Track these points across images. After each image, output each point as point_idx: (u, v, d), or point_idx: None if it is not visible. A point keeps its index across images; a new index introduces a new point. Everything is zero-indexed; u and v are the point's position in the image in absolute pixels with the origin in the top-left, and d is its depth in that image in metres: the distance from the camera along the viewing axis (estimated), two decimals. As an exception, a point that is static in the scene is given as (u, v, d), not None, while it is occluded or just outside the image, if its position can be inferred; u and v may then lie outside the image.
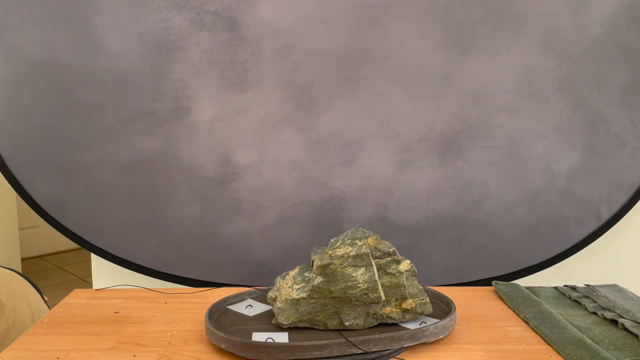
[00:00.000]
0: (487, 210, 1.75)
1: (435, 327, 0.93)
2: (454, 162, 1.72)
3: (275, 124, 1.68)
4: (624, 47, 1.66)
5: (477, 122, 1.70)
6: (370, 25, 1.62)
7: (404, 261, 1.01)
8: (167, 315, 1.08)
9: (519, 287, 1.22)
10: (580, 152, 1.73)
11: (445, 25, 1.62)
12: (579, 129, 1.71)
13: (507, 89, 1.67)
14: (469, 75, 1.66)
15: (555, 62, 1.66)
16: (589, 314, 1.10)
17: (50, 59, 1.64)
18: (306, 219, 1.76)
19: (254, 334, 0.95)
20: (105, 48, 1.58)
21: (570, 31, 1.64)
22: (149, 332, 1.00)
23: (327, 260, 0.97)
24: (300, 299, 0.97)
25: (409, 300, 0.99)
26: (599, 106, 1.70)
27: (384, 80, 1.65)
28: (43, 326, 1.01)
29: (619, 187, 1.75)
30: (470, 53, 1.64)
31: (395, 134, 1.69)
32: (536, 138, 1.71)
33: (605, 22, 1.64)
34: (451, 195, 1.75)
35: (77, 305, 1.13)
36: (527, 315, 1.07)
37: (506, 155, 1.72)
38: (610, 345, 0.94)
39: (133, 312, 1.09)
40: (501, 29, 1.63)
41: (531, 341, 0.97)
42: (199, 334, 0.99)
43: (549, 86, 1.68)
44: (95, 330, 1.00)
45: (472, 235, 1.77)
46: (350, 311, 0.97)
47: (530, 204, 1.76)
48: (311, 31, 1.61)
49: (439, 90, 1.66)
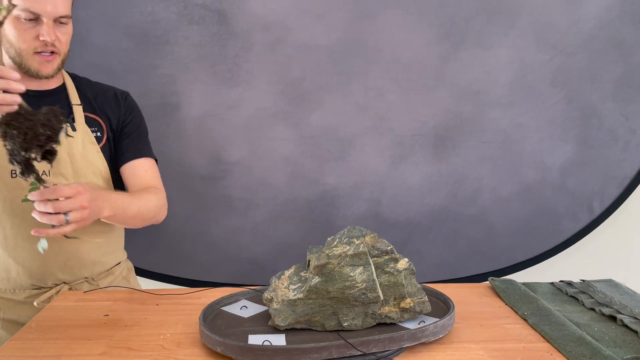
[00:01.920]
0: (481, 205, 1.75)
1: (435, 327, 0.92)
2: (448, 157, 1.71)
3: (267, 119, 1.65)
4: (617, 41, 1.66)
5: (470, 116, 1.68)
6: (362, 19, 1.59)
7: (402, 259, 1.00)
8: (160, 318, 1.05)
9: (515, 283, 1.21)
10: (574, 146, 1.73)
11: (438, 19, 1.61)
12: (572, 123, 1.71)
13: (500, 83, 1.66)
14: (462, 70, 1.64)
15: (548, 56, 1.65)
16: (586, 310, 1.10)
17: (33, 54, 1.60)
18: (298, 215, 1.74)
19: (250, 337, 0.92)
20: (90, 42, 1.54)
21: (564, 25, 1.64)
22: (141, 335, 0.97)
23: (325, 259, 0.95)
24: (297, 300, 0.95)
25: (408, 299, 0.97)
26: (592, 100, 1.70)
27: (376, 74, 1.63)
28: (31, 331, 0.98)
29: (611, 180, 1.76)
30: (464, 47, 1.63)
31: (388, 129, 1.67)
32: (530, 132, 1.71)
33: (599, 16, 1.63)
34: (445, 190, 1.74)
35: (66, 308, 1.09)
36: (526, 312, 1.06)
37: (500, 149, 1.71)
38: (611, 342, 0.94)
39: (124, 314, 1.06)
40: (494, 23, 1.62)
41: (531, 339, 0.96)
42: (193, 337, 0.96)
43: (543, 80, 1.67)
44: (86, 335, 0.96)
45: (466, 230, 1.77)
46: (348, 311, 0.95)
47: (524, 198, 1.75)
48: (303, 25, 1.58)
49: (432, 85, 1.65)
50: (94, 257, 1.27)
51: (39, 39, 1.10)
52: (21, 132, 0.87)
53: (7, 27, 1.10)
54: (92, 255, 1.27)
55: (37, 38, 1.10)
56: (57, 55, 1.15)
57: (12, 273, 1.21)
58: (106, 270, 1.31)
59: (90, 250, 1.26)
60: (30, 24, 1.10)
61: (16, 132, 0.87)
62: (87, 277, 1.27)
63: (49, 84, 1.21)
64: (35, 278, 1.21)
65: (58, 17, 1.12)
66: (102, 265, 1.30)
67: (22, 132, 0.87)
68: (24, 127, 0.88)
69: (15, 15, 1.08)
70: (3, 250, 1.20)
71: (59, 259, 1.22)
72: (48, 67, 1.15)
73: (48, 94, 1.21)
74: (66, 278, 1.24)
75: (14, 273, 1.21)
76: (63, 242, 1.20)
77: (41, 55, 1.13)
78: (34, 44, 1.11)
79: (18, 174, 0.93)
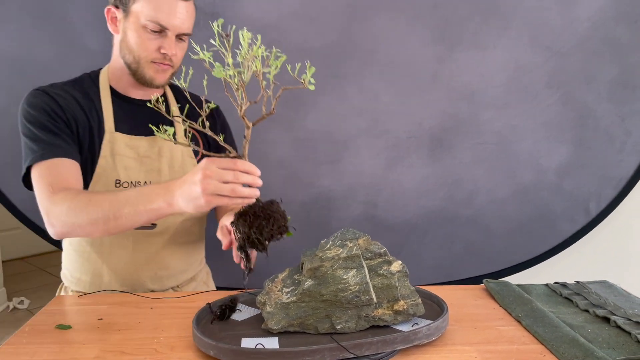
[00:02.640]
0: (477, 207, 1.75)
1: (428, 329, 0.92)
2: (443, 158, 1.71)
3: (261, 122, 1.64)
4: (612, 42, 1.66)
5: (466, 118, 1.68)
6: (357, 21, 1.60)
7: (396, 262, 1.00)
8: (153, 321, 1.05)
9: (510, 285, 1.21)
10: (570, 147, 1.73)
11: (433, 21, 1.61)
12: (568, 124, 1.71)
13: (495, 85, 1.66)
14: (458, 71, 1.64)
15: (543, 57, 1.66)
16: (580, 311, 1.10)
17: (28, 58, 1.59)
18: (294, 218, 1.73)
19: (243, 340, 0.92)
20: (84, 46, 1.54)
21: (559, 26, 1.64)
22: (135, 339, 0.97)
23: (318, 262, 0.95)
24: (290, 303, 0.95)
25: (401, 301, 0.97)
26: (588, 101, 1.70)
27: (371, 76, 1.63)
28: (24, 335, 0.98)
29: (608, 181, 1.76)
30: (459, 48, 1.63)
31: (384, 131, 1.67)
32: (525, 133, 1.71)
33: (593, 17, 1.64)
34: (441, 192, 1.74)
35: (60, 312, 1.09)
36: (519, 314, 1.05)
37: (496, 151, 1.71)
38: (604, 343, 0.94)
39: (118, 318, 1.06)
40: (489, 24, 1.62)
41: (524, 340, 0.96)
42: (186, 340, 0.96)
43: (538, 81, 1.67)
44: (79, 339, 0.96)
45: (462, 232, 1.77)
46: (341, 314, 0.95)
47: (520, 200, 1.75)
48: (297, 27, 1.59)
49: (428, 87, 1.65)
50: (182, 267, 1.30)
51: (160, 51, 1.13)
52: (257, 221, 0.94)
53: (130, 34, 1.13)
54: (180, 265, 1.29)
55: (159, 50, 1.13)
56: (170, 67, 1.18)
57: (104, 279, 1.24)
58: (190, 277, 1.33)
59: (180, 259, 1.29)
60: (155, 35, 1.12)
61: (252, 220, 0.94)
62: (173, 286, 1.29)
63: (153, 93, 1.23)
64: (126, 286, 1.24)
65: (181, 33, 1.14)
66: (187, 273, 1.32)
67: (258, 221, 0.94)
68: (261, 218, 0.94)
69: (143, 24, 1.11)
70: (98, 256, 1.23)
71: (150, 268, 1.24)
72: (162, 77, 1.18)
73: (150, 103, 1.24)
74: (154, 287, 1.26)
75: (106, 279, 1.24)
76: (155, 253, 1.24)
77: (157, 64, 1.15)
78: (154, 54, 1.14)
79: (243, 262, 1.01)
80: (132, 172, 1.19)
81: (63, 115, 1.14)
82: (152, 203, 0.98)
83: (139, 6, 1.11)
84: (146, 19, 1.10)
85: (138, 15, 1.11)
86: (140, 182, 1.19)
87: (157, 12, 1.10)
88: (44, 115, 1.13)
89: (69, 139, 1.14)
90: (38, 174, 1.10)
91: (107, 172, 1.17)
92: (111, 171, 1.17)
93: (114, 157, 1.17)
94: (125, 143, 1.19)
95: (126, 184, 1.18)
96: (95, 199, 1.02)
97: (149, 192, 0.99)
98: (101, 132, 1.18)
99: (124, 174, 1.18)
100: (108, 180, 1.17)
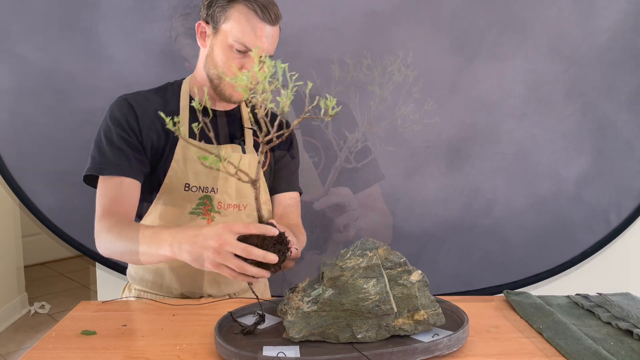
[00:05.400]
0: (496, 216, 1.74)
1: (449, 340, 0.92)
2: (462, 168, 1.71)
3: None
4: (632, 52, 1.65)
5: (484, 128, 1.68)
6: (376, 32, 1.61)
7: (415, 271, 1.00)
8: (176, 328, 1.06)
9: (531, 296, 1.21)
10: (589, 158, 1.72)
11: (451, 32, 1.62)
12: (587, 135, 1.70)
13: (514, 95, 1.66)
14: (476, 81, 1.65)
15: (562, 68, 1.65)
16: (603, 324, 1.09)
17: (55, 68, 1.64)
18: (311, 228, 1.75)
19: (265, 348, 0.93)
20: (109, 56, 1.57)
21: (578, 36, 1.63)
22: (158, 345, 0.98)
23: (338, 272, 0.96)
24: (311, 312, 0.95)
25: (421, 311, 0.97)
26: (608, 111, 1.69)
27: (390, 86, 1.64)
28: (51, 340, 1.00)
29: (628, 192, 1.74)
30: (477, 59, 1.63)
31: (402, 141, 1.68)
32: (544, 144, 1.70)
33: (613, 27, 1.63)
34: (459, 202, 1.74)
35: (84, 318, 1.11)
36: (541, 326, 1.05)
37: (514, 161, 1.71)
38: (626, 356, 0.93)
39: (141, 324, 1.08)
40: (508, 35, 1.62)
41: (546, 353, 0.95)
42: (208, 348, 0.97)
43: (557, 92, 1.67)
44: (104, 345, 0.98)
45: (480, 242, 1.76)
46: (362, 324, 0.95)
47: (539, 210, 1.74)
48: (317, 38, 1.61)
49: (446, 97, 1.65)
50: None
51: (242, 70, 1.17)
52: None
53: (217, 51, 1.18)
54: None
55: (241, 69, 1.17)
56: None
57: (165, 279, 1.27)
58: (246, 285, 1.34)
59: None
60: (239, 55, 1.16)
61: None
62: (230, 293, 1.31)
63: (230, 105, 1.29)
64: (185, 288, 1.27)
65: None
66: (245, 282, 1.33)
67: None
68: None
69: (230, 44, 1.15)
70: None
71: (210, 272, 1.25)
72: (240, 95, 1.21)
73: (226, 114, 1.29)
74: (212, 292, 1.29)
75: (167, 279, 1.27)
76: None
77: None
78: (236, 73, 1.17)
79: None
80: (201, 178, 1.23)
81: (136, 127, 1.20)
82: (160, 249, 1.04)
83: (228, 26, 1.15)
84: (233, 39, 1.14)
85: (226, 34, 1.15)
86: (208, 188, 1.23)
87: (244, 35, 1.13)
88: (117, 129, 1.19)
89: (133, 155, 1.19)
90: (99, 191, 1.20)
91: (178, 175, 1.22)
92: (182, 175, 1.22)
93: (186, 162, 1.22)
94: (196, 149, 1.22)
95: (195, 188, 1.23)
96: (124, 234, 1.10)
97: (160, 237, 1.05)
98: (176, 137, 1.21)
99: (194, 179, 1.23)
100: (179, 183, 1.23)
